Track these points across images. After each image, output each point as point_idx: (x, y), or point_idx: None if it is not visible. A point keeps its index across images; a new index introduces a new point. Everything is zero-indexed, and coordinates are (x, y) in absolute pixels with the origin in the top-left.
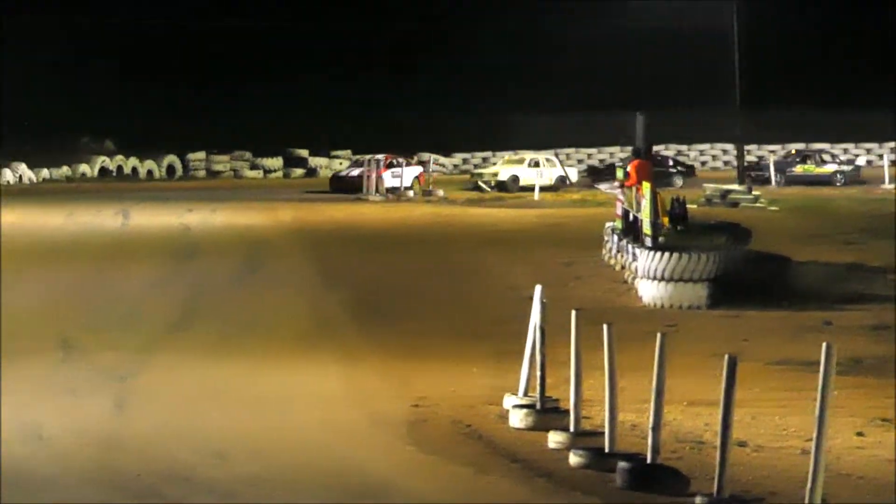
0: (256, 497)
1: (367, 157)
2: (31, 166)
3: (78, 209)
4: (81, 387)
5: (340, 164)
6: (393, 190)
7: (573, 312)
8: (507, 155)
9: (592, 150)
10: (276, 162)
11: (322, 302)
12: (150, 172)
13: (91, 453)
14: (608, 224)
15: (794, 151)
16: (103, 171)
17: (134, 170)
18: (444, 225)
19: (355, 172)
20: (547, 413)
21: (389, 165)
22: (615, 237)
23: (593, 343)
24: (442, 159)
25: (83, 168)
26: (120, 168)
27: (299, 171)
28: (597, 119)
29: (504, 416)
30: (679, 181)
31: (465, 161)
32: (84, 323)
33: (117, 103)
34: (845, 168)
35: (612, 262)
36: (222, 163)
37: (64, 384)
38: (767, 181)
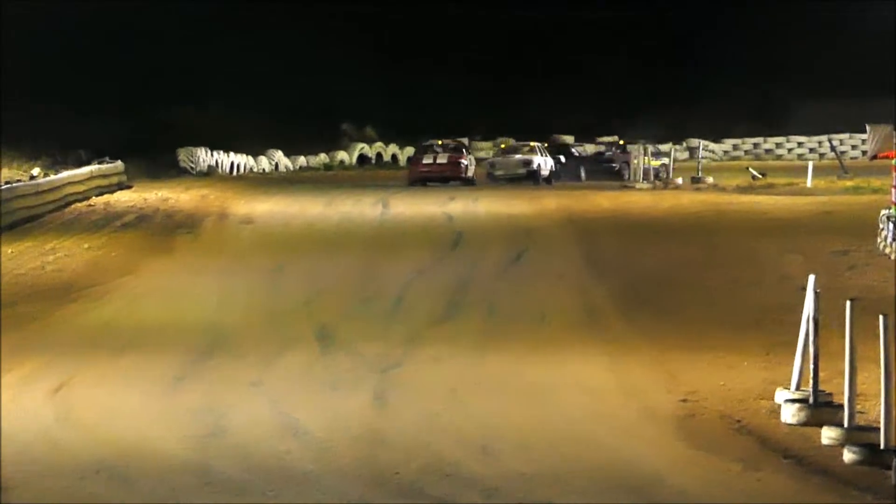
0: (522, 494)
1: (436, 141)
2: (287, 153)
3: (336, 198)
4: (341, 380)
5: None
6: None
7: (847, 303)
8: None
9: (865, 136)
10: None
11: (589, 291)
12: (410, 160)
13: (351, 448)
14: (883, 212)
15: (621, 142)
16: (362, 158)
17: (394, 157)
18: (714, 213)
19: (443, 160)
20: (820, 408)
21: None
22: (891, 225)
23: (868, 335)
24: (711, 145)
25: (341, 155)
26: (379, 155)
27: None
28: (871, 104)
29: (776, 410)
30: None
31: (735, 147)
32: (344, 314)
33: (379, 90)
34: (666, 161)
35: (888, 250)
36: (484, 149)
37: (323, 377)
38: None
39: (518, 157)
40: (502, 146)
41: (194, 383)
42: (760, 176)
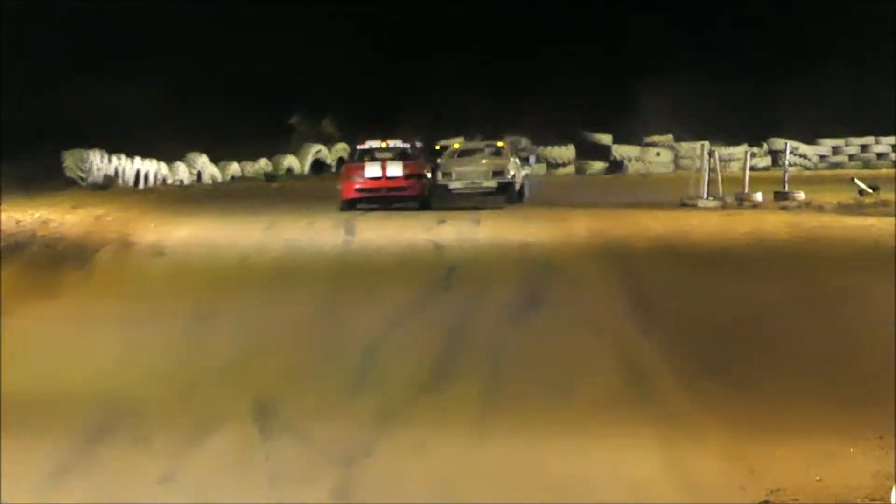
0: None
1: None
2: (214, 158)
3: (281, 220)
4: (288, 473)
5: (659, 154)
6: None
7: None
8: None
9: None
10: (564, 152)
11: (636, 350)
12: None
13: None
14: None
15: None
16: (318, 164)
17: None
18: (808, 240)
19: (396, 170)
20: None
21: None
22: None
23: None
24: (802, 147)
25: (289, 161)
26: (341, 161)
27: (598, 165)
28: None
29: None
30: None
31: (835, 150)
32: (291, 380)
33: (342, 75)
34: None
35: None
36: None
37: (263, 469)
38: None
39: (485, 162)
40: (455, 146)
41: (82, 477)
42: (870, 190)
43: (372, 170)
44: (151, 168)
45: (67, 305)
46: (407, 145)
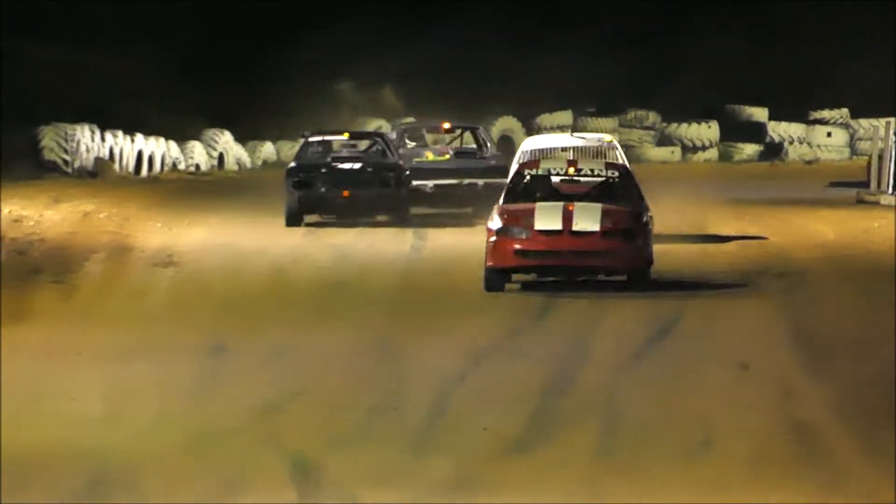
0: None
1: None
2: (240, 138)
3: (328, 218)
4: None
5: (830, 135)
6: None
7: None
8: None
9: None
10: (704, 131)
11: (800, 397)
12: None
13: None
14: None
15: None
16: None
17: None
18: None
19: (590, 221)
20: None
21: None
22: None
23: None
24: None
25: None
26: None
27: (750, 149)
28: None
29: None
30: None
31: None
32: (338, 435)
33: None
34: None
35: None
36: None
37: None
38: None
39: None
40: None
41: None
42: None
43: (547, 218)
44: (158, 149)
45: (43, 331)
46: (612, 174)
